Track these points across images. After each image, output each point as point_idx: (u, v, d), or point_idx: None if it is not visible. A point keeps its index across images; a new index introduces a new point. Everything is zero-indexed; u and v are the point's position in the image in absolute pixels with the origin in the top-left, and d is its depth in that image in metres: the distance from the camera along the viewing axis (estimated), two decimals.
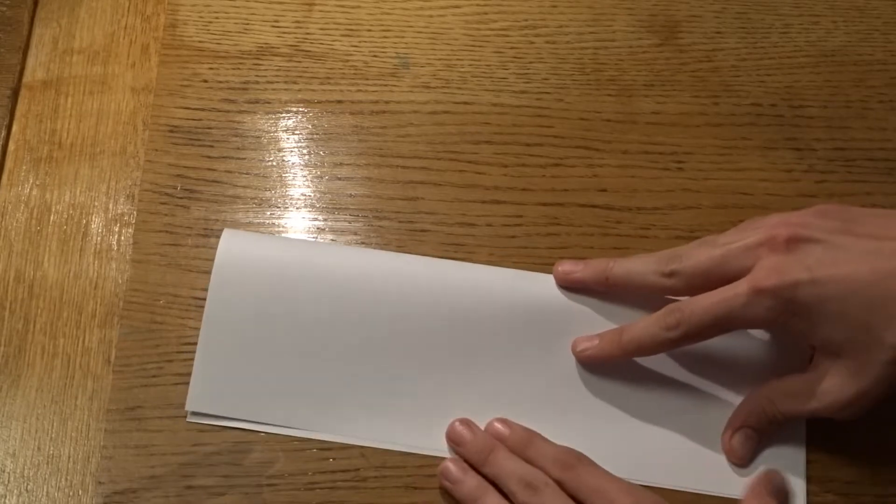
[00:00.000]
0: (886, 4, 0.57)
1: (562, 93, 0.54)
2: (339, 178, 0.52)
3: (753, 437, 0.44)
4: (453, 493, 0.43)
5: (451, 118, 0.53)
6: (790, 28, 0.56)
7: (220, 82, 0.54)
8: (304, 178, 0.52)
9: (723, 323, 0.42)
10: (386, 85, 0.54)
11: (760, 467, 0.44)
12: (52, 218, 0.51)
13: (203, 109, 0.53)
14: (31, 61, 0.55)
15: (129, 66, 0.55)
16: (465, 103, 0.54)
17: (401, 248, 0.50)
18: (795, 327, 0.41)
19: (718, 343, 0.44)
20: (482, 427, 0.45)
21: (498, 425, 0.45)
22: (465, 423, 0.45)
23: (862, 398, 0.41)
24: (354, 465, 0.45)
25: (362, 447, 0.45)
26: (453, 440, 0.45)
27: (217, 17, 0.56)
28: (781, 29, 0.56)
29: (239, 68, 0.55)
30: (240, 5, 0.57)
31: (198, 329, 0.47)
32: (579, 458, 0.42)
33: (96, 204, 0.51)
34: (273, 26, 0.56)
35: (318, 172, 0.52)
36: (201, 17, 0.56)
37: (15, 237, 0.50)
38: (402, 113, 0.54)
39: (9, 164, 0.52)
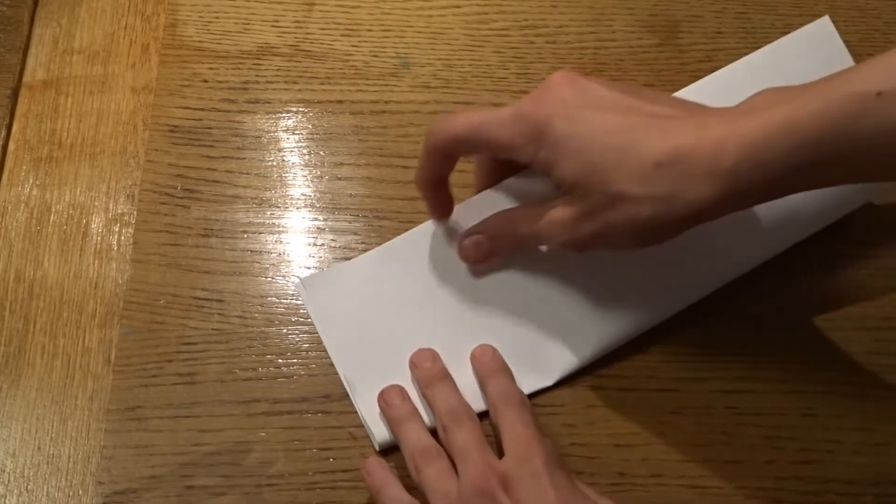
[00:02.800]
0: (886, 4, 0.57)
1: None
2: (339, 178, 0.52)
3: (484, 245, 0.46)
4: (386, 412, 0.45)
5: None
6: (790, 28, 0.56)
7: (220, 82, 0.54)
8: (304, 178, 0.52)
9: (477, 136, 0.42)
10: (386, 85, 0.54)
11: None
12: (52, 218, 0.51)
13: (203, 109, 0.53)
14: (31, 61, 0.55)
15: (129, 66, 0.55)
16: (465, 103, 0.54)
17: None
18: (542, 159, 0.41)
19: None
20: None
21: (486, 348, 0.46)
22: (430, 351, 0.46)
23: (581, 237, 0.41)
24: (354, 465, 0.45)
25: (363, 447, 0.45)
26: (414, 361, 0.46)
27: (217, 17, 0.56)
28: (781, 29, 0.56)
29: (239, 68, 0.55)
30: (240, 5, 0.57)
31: (197, 329, 0.48)
32: (522, 401, 0.44)
33: (96, 204, 0.51)
34: (273, 26, 0.56)
35: (318, 172, 0.52)
36: (201, 17, 0.56)
37: (15, 237, 0.50)
38: (402, 113, 0.54)
39: (9, 163, 0.52)
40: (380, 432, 0.45)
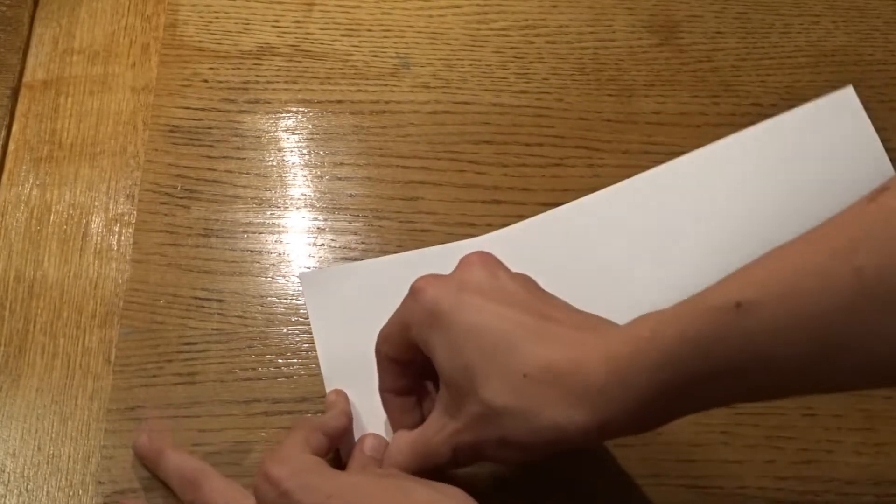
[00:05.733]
0: (886, 4, 0.57)
1: (562, 93, 0.54)
2: (339, 178, 0.52)
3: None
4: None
5: (451, 118, 0.53)
6: (790, 28, 0.56)
7: (221, 82, 0.54)
8: (304, 178, 0.52)
9: (400, 331, 0.40)
10: (386, 85, 0.54)
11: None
12: (52, 218, 0.51)
13: (203, 109, 0.53)
14: (31, 61, 0.55)
15: (129, 65, 0.55)
16: (465, 103, 0.54)
17: (400, 248, 0.50)
18: (426, 342, 0.39)
19: None
20: None
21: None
22: (149, 434, 0.44)
23: (449, 439, 0.38)
24: None
25: None
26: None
27: (217, 17, 0.56)
28: (781, 29, 0.56)
29: (239, 68, 0.55)
30: (240, 5, 0.57)
31: (197, 329, 0.47)
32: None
33: (96, 204, 0.51)
34: (273, 26, 0.56)
35: (318, 172, 0.52)
36: (201, 16, 0.56)
37: (15, 237, 0.50)
38: (402, 113, 0.54)
39: (9, 164, 0.52)
40: None
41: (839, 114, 0.52)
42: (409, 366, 0.42)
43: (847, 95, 0.52)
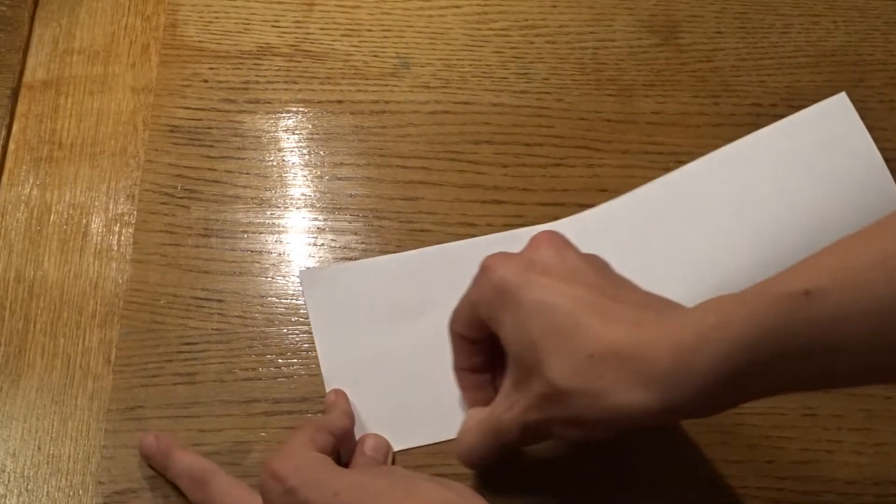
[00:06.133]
0: (886, 4, 0.57)
1: (562, 93, 0.54)
2: (339, 178, 0.52)
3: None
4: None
5: (451, 118, 0.53)
6: (790, 28, 0.57)
7: (221, 82, 0.54)
8: (304, 178, 0.52)
9: (470, 309, 0.41)
10: (386, 85, 0.54)
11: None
12: (52, 218, 0.51)
13: (203, 109, 0.53)
14: (31, 61, 0.55)
15: (129, 66, 0.55)
16: (465, 103, 0.54)
17: (400, 248, 0.50)
18: (493, 317, 0.39)
19: None
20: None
21: None
22: (156, 435, 0.44)
23: (517, 418, 0.39)
24: None
25: None
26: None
27: (217, 17, 0.56)
28: (781, 29, 0.56)
29: (239, 68, 0.55)
30: (240, 5, 0.57)
31: (197, 329, 0.47)
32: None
33: (96, 204, 0.51)
34: (273, 26, 0.56)
35: (318, 172, 0.52)
36: (201, 17, 0.56)
37: (15, 237, 0.50)
38: (402, 113, 0.54)
39: (9, 164, 0.52)
40: None
41: (833, 120, 0.52)
42: (482, 343, 0.42)
43: (840, 101, 0.53)
